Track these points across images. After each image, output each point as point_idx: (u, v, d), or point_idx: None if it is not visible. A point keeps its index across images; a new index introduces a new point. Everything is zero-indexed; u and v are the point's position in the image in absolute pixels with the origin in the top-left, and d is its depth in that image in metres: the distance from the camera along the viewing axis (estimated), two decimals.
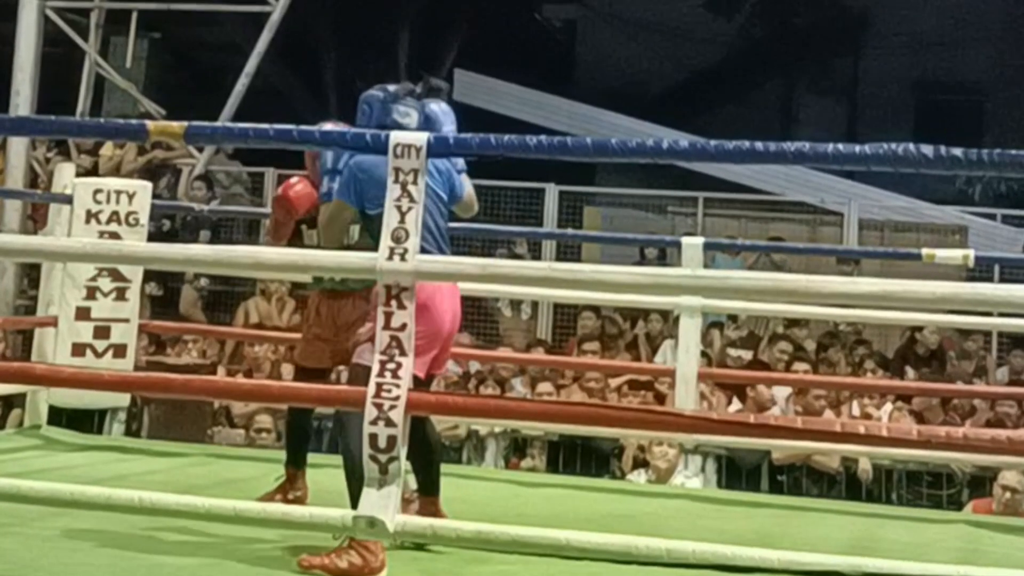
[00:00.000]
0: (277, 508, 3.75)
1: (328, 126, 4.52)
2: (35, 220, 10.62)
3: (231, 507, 3.81)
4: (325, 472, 4.86)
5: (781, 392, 8.17)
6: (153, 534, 4.24)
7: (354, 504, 3.74)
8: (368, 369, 3.83)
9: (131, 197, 6.89)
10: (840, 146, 3.58)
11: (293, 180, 4.86)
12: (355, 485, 3.82)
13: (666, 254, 10.40)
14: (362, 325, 4.68)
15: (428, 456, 4.27)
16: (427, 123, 4.19)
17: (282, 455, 6.06)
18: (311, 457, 5.13)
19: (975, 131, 16.15)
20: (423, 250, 3.80)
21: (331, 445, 6.99)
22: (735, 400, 8.21)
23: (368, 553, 3.78)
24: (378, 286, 3.70)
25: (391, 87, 4.24)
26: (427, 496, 4.29)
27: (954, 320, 7.34)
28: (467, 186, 4.39)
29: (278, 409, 7.97)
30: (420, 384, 3.91)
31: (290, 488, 4.98)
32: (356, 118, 4.25)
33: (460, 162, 4.37)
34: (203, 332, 9.04)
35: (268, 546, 4.25)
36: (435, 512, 4.20)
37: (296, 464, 5.02)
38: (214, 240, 10.67)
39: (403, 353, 3.64)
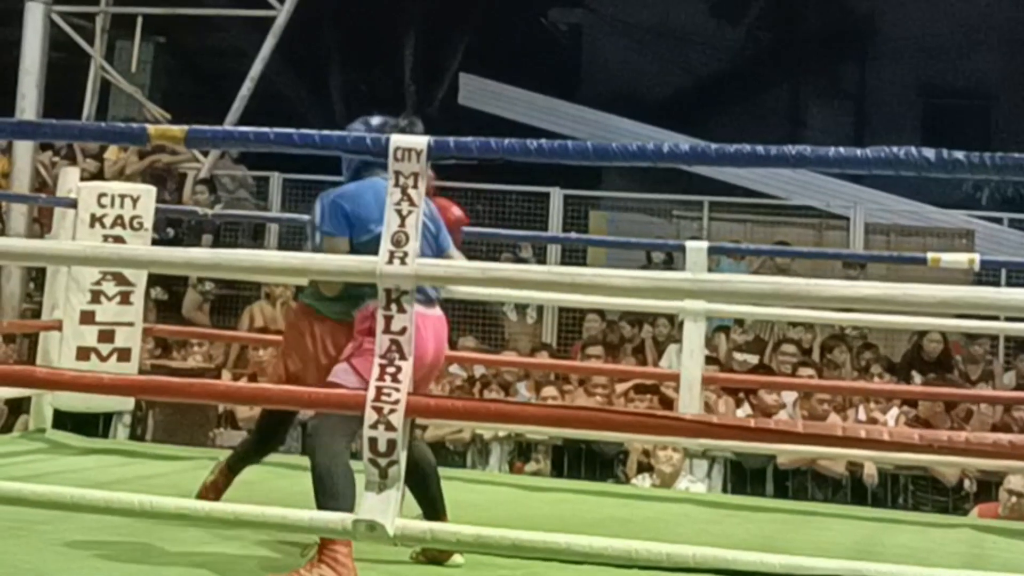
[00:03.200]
0: (276, 512, 3.73)
1: None
2: (42, 224, 10.64)
3: (230, 511, 3.80)
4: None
5: (788, 396, 8.16)
6: (157, 538, 4.25)
7: None
8: (340, 387, 3.83)
9: (135, 201, 6.89)
10: (841, 150, 3.56)
11: None
12: (324, 498, 3.74)
13: (672, 258, 10.39)
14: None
15: (422, 478, 4.18)
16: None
17: (284, 458, 6.02)
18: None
19: (983, 136, 16.10)
20: None
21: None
22: (744, 404, 8.20)
23: (339, 565, 3.73)
24: (378, 290, 3.69)
25: (373, 120, 4.19)
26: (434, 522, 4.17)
27: (960, 324, 7.33)
28: (454, 252, 4.28)
29: None
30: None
31: (224, 488, 4.76)
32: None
33: (449, 243, 4.29)
34: (208, 336, 9.04)
35: (271, 549, 4.26)
36: None
37: (236, 471, 4.75)
38: (218, 244, 10.69)
39: (403, 357, 3.62)
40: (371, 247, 3.81)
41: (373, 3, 15.85)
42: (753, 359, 9.05)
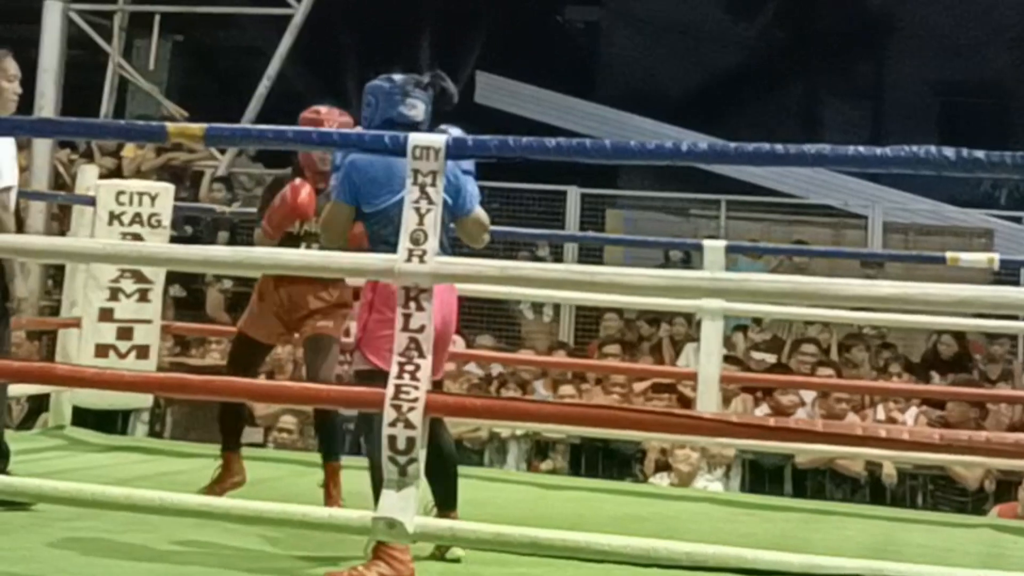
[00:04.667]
0: (297, 509, 3.74)
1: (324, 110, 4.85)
2: (60, 221, 10.68)
3: (251, 508, 3.81)
4: (347, 473, 4.88)
5: (807, 396, 8.14)
6: (176, 535, 4.26)
7: None
8: (370, 372, 3.87)
9: (154, 199, 6.92)
10: (861, 148, 3.55)
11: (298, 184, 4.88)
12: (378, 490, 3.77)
13: (690, 257, 10.37)
14: (319, 316, 4.88)
15: (443, 467, 4.18)
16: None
17: (304, 456, 6.07)
18: (318, 458, 5.11)
19: (1000, 134, 16.01)
20: None
21: (352, 446, 7.00)
22: (763, 404, 8.18)
23: (396, 562, 3.74)
24: (397, 287, 3.70)
25: (396, 77, 4.20)
26: (444, 511, 4.21)
27: (980, 324, 7.30)
28: (479, 211, 4.25)
29: (302, 411, 7.99)
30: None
31: (228, 475, 5.02)
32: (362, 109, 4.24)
33: (473, 204, 4.25)
34: (226, 333, 9.03)
35: (289, 548, 4.27)
36: None
37: (231, 448, 5.09)
38: (235, 242, 10.70)
39: (421, 355, 3.63)
40: (377, 218, 3.99)
41: (390, 2, 15.85)
42: (771, 358, 9.02)
